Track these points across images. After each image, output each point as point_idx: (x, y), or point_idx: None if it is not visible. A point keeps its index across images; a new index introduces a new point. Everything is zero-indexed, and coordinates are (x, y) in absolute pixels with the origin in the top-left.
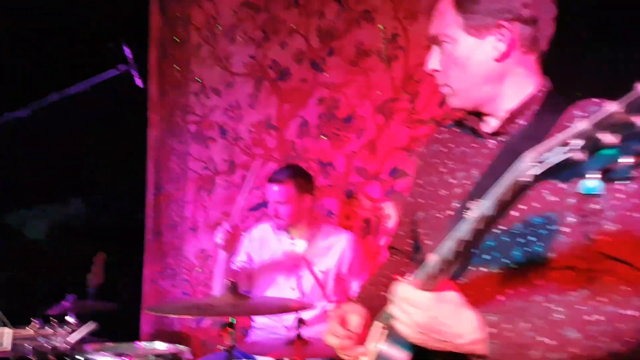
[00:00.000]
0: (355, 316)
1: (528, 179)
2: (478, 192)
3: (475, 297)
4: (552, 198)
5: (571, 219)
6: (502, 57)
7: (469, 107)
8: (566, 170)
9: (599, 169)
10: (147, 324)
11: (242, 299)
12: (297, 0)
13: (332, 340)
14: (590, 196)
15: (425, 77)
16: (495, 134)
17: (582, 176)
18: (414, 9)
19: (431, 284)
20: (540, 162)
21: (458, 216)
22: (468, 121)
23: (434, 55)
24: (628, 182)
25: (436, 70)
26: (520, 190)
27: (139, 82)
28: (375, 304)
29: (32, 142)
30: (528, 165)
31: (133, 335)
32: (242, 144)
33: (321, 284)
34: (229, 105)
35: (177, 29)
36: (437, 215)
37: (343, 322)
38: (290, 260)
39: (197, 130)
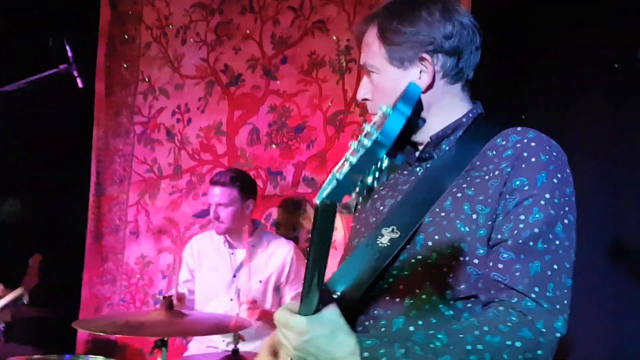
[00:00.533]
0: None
1: (316, 201)
2: (392, 217)
3: (388, 328)
4: (464, 229)
5: (480, 250)
6: (426, 89)
7: (419, 134)
8: (334, 189)
9: (353, 187)
10: (83, 332)
11: (177, 317)
12: (253, 6)
13: None
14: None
15: None
16: (420, 160)
17: (343, 194)
18: None
19: (309, 307)
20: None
21: (369, 242)
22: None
23: (364, 85)
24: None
25: (366, 99)
26: (317, 214)
27: (79, 82)
28: None
29: None
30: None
31: (69, 342)
32: (189, 149)
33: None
34: (177, 107)
35: (127, 26)
36: (358, 241)
37: (275, 354)
38: (229, 270)
39: (143, 132)
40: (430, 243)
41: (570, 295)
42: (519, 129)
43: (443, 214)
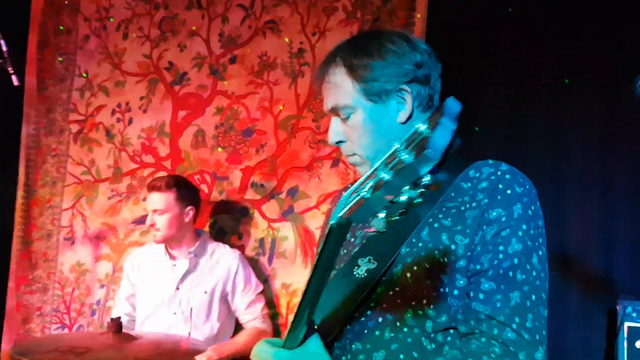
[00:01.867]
0: None
1: (332, 222)
2: (368, 248)
3: (368, 340)
4: (443, 260)
5: (460, 282)
6: (406, 119)
7: None
8: (359, 209)
9: (383, 205)
10: (8, 342)
11: (127, 340)
12: (200, 2)
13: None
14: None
15: None
16: None
17: (371, 213)
18: (322, 26)
19: (294, 340)
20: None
21: (346, 273)
22: None
23: (335, 127)
24: (403, 216)
25: (341, 142)
26: (329, 234)
27: (15, 80)
28: None
29: None
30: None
31: None
32: (130, 150)
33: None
34: (117, 106)
35: (62, 16)
36: (335, 274)
37: None
38: (171, 282)
39: (80, 131)
40: (408, 274)
41: (546, 326)
42: (490, 162)
43: (420, 244)
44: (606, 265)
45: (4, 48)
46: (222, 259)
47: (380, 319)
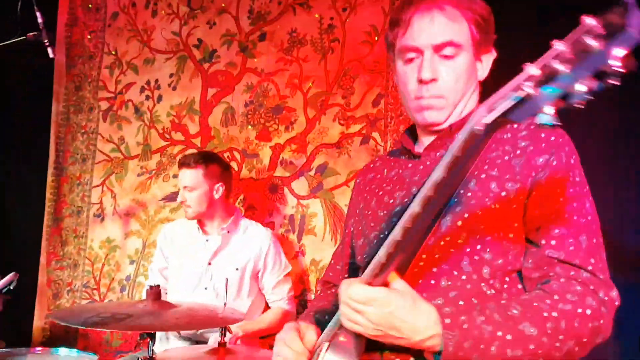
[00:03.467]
0: (312, 334)
1: (480, 127)
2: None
3: (423, 289)
4: (494, 206)
5: (515, 224)
6: (485, 78)
7: (447, 123)
8: (518, 108)
9: (553, 100)
10: (40, 318)
11: (166, 308)
12: None
13: (286, 353)
14: (546, 127)
15: (361, 73)
16: (429, 149)
17: (536, 110)
18: (353, 2)
19: (377, 281)
20: (491, 111)
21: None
22: (403, 143)
23: (432, 64)
24: (582, 104)
25: (433, 80)
26: (474, 141)
27: (50, 52)
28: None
29: None
30: (480, 115)
31: (24, 333)
32: (159, 128)
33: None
34: (147, 83)
35: None
36: (377, 234)
37: (301, 337)
38: (204, 258)
39: (109, 109)
40: (459, 222)
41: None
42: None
43: (469, 194)
44: None
45: (40, 20)
46: (255, 237)
47: (434, 269)
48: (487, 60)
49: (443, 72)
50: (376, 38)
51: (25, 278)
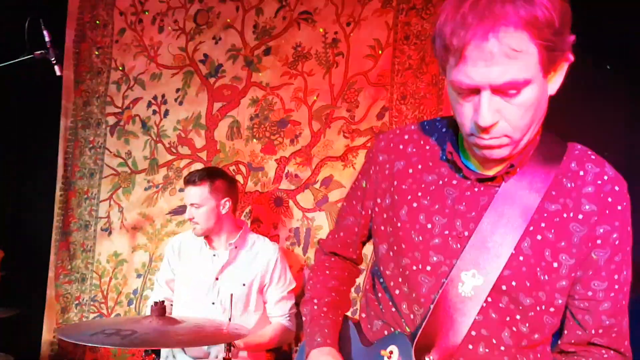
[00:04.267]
0: None
1: None
2: (469, 259)
3: (460, 353)
4: (543, 277)
5: (559, 301)
6: (556, 92)
7: (512, 156)
8: None
9: None
10: (49, 331)
11: (171, 324)
12: None
13: None
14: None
15: (365, 86)
16: (488, 179)
17: None
18: (357, 16)
19: None
20: None
21: (450, 290)
22: (455, 155)
23: (491, 106)
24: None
25: (494, 125)
26: None
27: (57, 70)
28: (337, 340)
29: None
30: None
31: (32, 343)
32: (166, 142)
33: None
34: (154, 98)
35: (98, 10)
36: (410, 264)
37: None
38: (211, 273)
39: (117, 124)
40: (504, 287)
41: None
42: (592, 155)
43: (521, 257)
44: None
45: (47, 38)
46: (262, 252)
47: (473, 333)
48: (560, 70)
49: (506, 112)
50: (380, 52)
51: (34, 292)
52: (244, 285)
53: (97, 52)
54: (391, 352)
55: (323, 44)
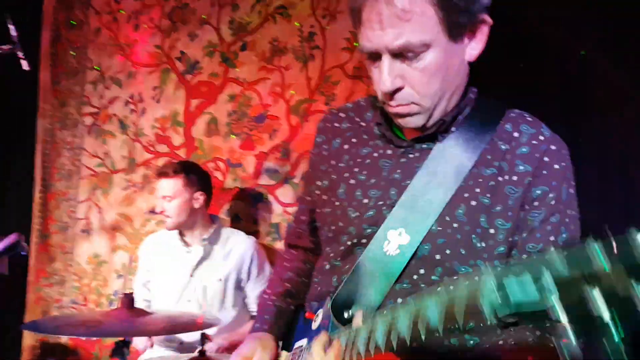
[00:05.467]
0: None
1: (491, 319)
2: (397, 218)
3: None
4: (480, 245)
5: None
6: (476, 57)
7: (431, 124)
8: (537, 319)
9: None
10: (29, 336)
11: (139, 315)
12: None
13: None
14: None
15: (342, 79)
16: (418, 140)
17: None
18: (332, 9)
19: (354, 356)
20: (505, 297)
21: (374, 249)
22: (382, 127)
23: (393, 71)
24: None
25: (398, 90)
26: (477, 320)
27: (25, 64)
28: (283, 326)
29: None
30: (492, 295)
31: (13, 348)
32: (144, 141)
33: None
34: (130, 97)
35: (74, 10)
36: (346, 240)
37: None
38: (186, 270)
39: (94, 123)
40: (438, 256)
41: None
42: (528, 117)
43: (456, 225)
44: None
45: (14, 33)
46: (237, 246)
47: (399, 300)
48: (479, 35)
49: (409, 78)
50: (356, 44)
51: (14, 297)
52: (219, 280)
53: (73, 53)
54: (317, 316)
55: (299, 38)
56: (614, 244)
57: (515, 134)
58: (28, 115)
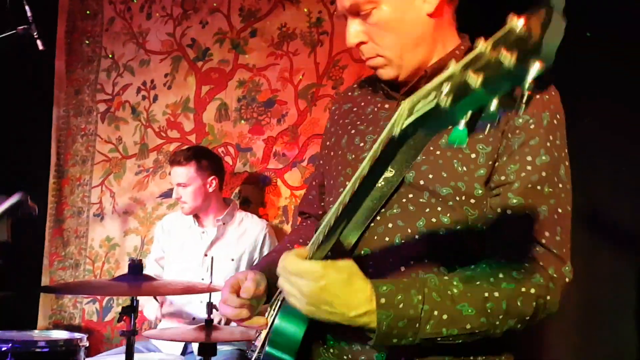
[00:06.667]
0: (250, 283)
1: (395, 134)
2: (384, 155)
3: (377, 267)
4: (461, 169)
5: (479, 190)
6: (437, 11)
7: (405, 75)
8: (434, 119)
9: (464, 116)
10: (44, 317)
11: (147, 280)
12: None
13: (226, 310)
14: (458, 148)
15: (350, 63)
16: (407, 94)
17: (452, 124)
18: None
19: (318, 253)
20: (411, 113)
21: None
22: (382, 84)
23: (353, 27)
24: (492, 128)
25: (363, 43)
26: (391, 145)
27: (40, 44)
28: (274, 275)
29: None
30: (403, 117)
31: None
32: (156, 126)
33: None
34: (143, 84)
35: (88, 0)
36: (343, 181)
37: (236, 291)
38: (200, 249)
39: (107, 110)
40: (422, 182)
41: (570, 239)
42: None
43: (438, 152)
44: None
45: (29, 14)
46: (250, 228)
47: (390, 225)
48: None
49: (369, 33)
50: None
51: (29, 280)
52: (232, 260)
53: (87, 42)
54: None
55: (307, 23)
56: None
57: None
58: (44, 103)
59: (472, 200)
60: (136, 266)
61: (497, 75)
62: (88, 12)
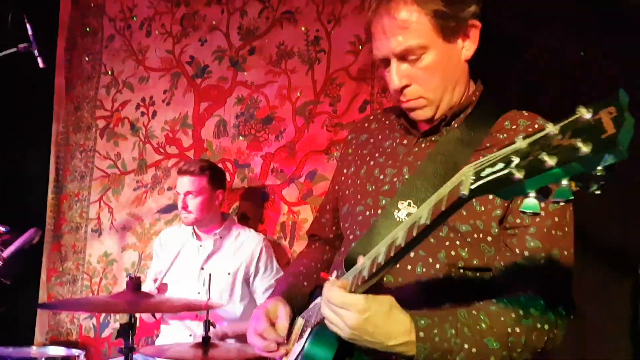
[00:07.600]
0: (285, 322)
1: (465, 194)
2: (406, 191)
3: (406, 300)
4: (480, 208)
5: (495, 229)
6: (471, 56)
7: (439, 116)
8: (505, 187)
9: (538, 189)
10: (41, 333)
11: (144, 297)
12: None
13: (256, 342)
14: (527, 214)
15: (347, 81)
16: (427, 133)
17: (521, 194)
18: (337, 13)
19: (362, 287)
20: (479, 178)
21: (386, 215)
22: (402, 120)
23: (398, 71)
24: (568, 202)
25: (407, 86)
26: (457, 203)
27: (40, 62)
28: (297, 298)
29: None
30: (468, 180)
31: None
32: (154, 142)
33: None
34: (142, 100)
35: (89, 18)
36: (363, 210)
37: (272, 324)
38: (197, 263)
39: (106, 126)
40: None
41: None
42: (525, 113)
43: None
44: (624, 236)
45: (30, 32)
46: (247, 242)
47: (412, 254)
48: (472, 37)
49: (414, 76)
50: (360, 47)
51: (26, 295)
52: (228, 274)
53: (87, 58)
54: (331, 275)
55: (305, 41)
56: None
57: (513, 127)
58: (43, 119)
59: (489, 238)
60: (134, 283)
61: (572, 160)
62: (88, 29)
